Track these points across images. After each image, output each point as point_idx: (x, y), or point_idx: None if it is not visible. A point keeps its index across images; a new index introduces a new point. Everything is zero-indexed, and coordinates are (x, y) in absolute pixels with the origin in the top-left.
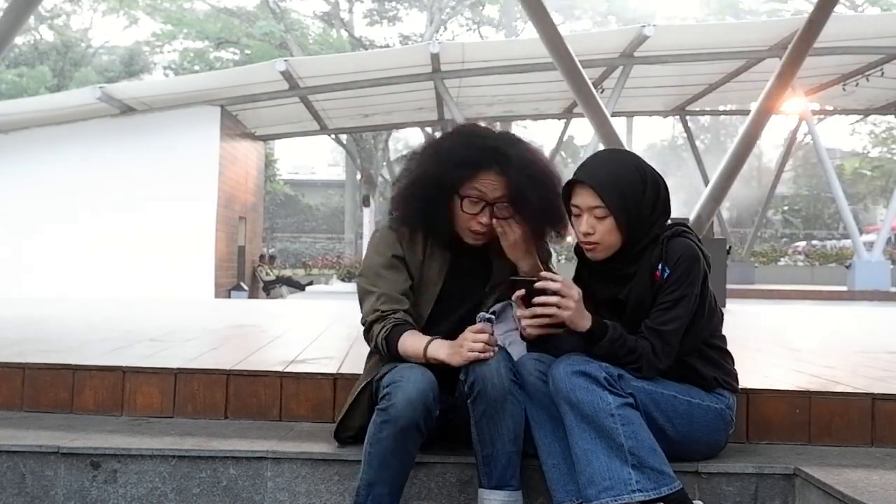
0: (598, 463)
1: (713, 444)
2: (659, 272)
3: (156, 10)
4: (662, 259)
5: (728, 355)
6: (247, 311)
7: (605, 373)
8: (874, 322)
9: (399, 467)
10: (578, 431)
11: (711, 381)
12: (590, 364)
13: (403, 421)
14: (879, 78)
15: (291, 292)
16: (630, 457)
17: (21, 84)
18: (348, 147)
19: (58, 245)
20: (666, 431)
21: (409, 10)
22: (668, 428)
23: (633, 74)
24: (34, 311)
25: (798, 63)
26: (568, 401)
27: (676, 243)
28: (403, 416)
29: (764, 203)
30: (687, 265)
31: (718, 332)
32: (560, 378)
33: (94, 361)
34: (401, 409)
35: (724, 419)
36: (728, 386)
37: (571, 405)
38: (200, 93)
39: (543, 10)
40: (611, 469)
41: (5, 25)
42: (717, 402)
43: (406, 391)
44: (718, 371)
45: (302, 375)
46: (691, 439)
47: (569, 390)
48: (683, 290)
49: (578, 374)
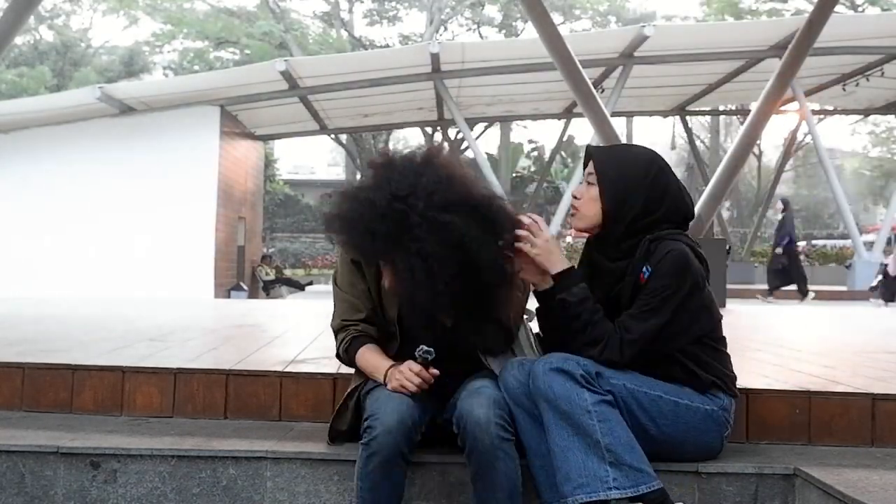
0: (575, 459)
1: (704, 446)
2: (644, 274)
3: (156, 10)
4: (647, 261)
5: (725, 357)
6: (247, 311)
7: (583, 370)
8: (874, 322)
9: (390, 494)
10: (555, 429)
11: (704, 383)
12: (567, 361)
13: (386, 451)
14: (879, 78)
15: (291, 292)
16: (607, 454)
17: (21, 84)
18: (348, 147)
19: (58, 245)
20: (649, 431)
21: (409, 10)
22: (650, 427)
23: (633, 74)
24: (34, 311)
25: (798, 63)
26: (545, 398)
27: (663, 246)
28: (385, 447)
29: (764, 203)
30: (670, 275)
31: (716, 334)
32: (538, 375)
33: (93, 361)
34: (382, 441)
35: (716, 421)
36: (723, 387)
37: (549, 402)
38: (200, 93)
39: (543, 10)
40: (587, 466)
41: (5, 25)
42: (709, 404)
43: (385, 423)
44: (712, 372)
45: (302, 375)
46: (678, 440)
47: (546, 387)
48: (662, 299)
49: (556, 371)
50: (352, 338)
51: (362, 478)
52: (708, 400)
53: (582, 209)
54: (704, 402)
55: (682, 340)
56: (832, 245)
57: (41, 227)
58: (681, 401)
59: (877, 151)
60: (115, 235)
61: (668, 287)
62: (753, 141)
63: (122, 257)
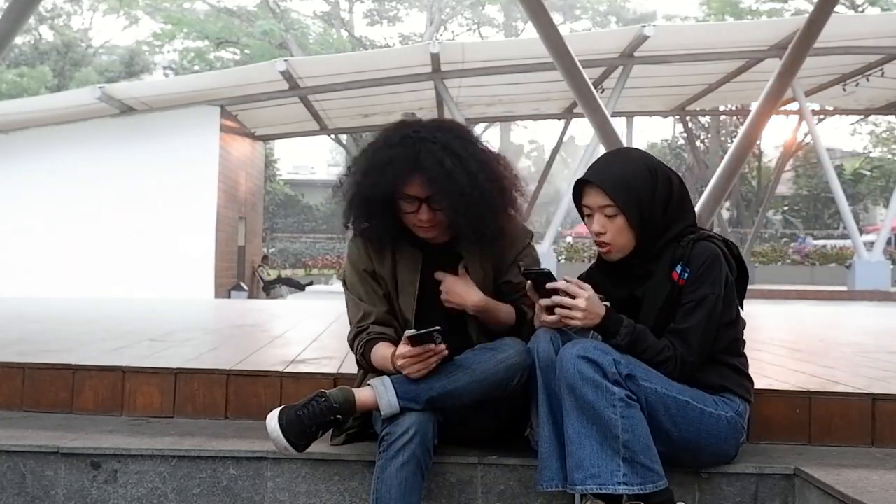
0: (590, 449)
1: (721, 454)
2: (677, 273)
3: (156, 10)
4: (684, 260)
5: (745, 361)
6: (247, 311)
7: (615, 368)
8: (874, 322)
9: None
10: (576, 415)
11: (727, 388)
12: (598, 351)
13: (405, 456)
14: (879, 78)
15: (291, 292)
16: (623, 450)
17: (21, 84)
18: (348, 147)
19: (58, 245)
20: (671, 435)
21: (409, 10)
22: (673, 432)
23: (633, 74)
24: (34, 311)
25: (798, 63)
26: (571, 384)
27: (700, 247)
28: (405, 452)
29: (764, 203)
30: (707, 265)
31: (741, 341)
32: (567, 360)
33: (94, 361)
34: (401, 446)
35: (735, 428)
36: (742, 394)
37: (573, 389)
38: (200, 93)
39: (543, 10)
40: (601, 458)
41: (5, 25)
42: (729, 411)
43: (406, 429)
44: (736, 377)
45: (302, 375)
46: (698, 446)
47: (574, 374)
48: (705, 290)
49: (586, 360)
50: (366, 342)
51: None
52: (727, 406)
53: (614, 244)
54: (726, 409)
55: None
56: (832, 245)
57: (41, 227)
58: (706, 408)
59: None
60: (116, 235)
61: (707, 279)
62: (753, 141)
63: (123, 257)
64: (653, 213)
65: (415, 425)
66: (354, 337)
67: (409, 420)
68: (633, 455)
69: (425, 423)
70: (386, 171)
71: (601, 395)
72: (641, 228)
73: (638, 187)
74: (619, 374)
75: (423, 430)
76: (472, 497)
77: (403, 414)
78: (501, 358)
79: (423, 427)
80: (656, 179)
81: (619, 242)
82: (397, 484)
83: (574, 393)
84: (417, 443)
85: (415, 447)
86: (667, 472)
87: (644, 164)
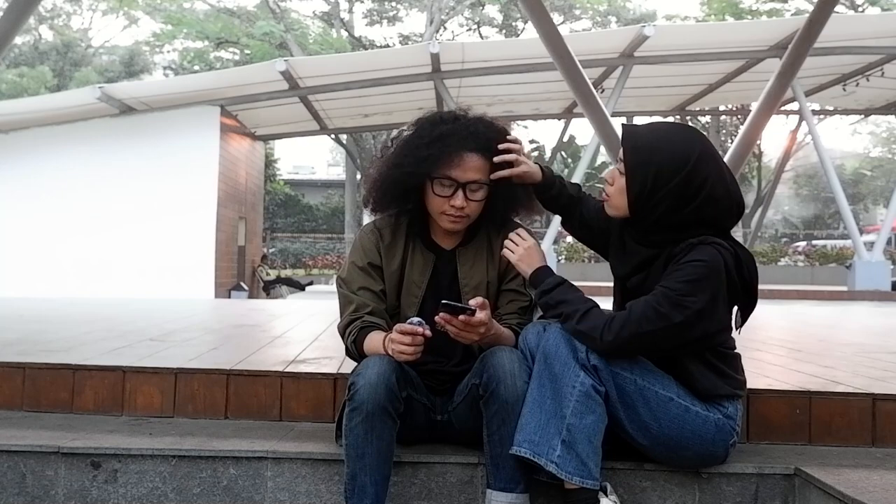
0: (539, 417)
1: (707, 455)
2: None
3: (156, 10)
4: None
5: (736, 360)
6: (247, 311)
7: (587, 356)
8: (874, 322)
9: (375, 455)
10: (538, 382)
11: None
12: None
13: (369, 406)
14: (879, 78)
15: (291, 292)
16: (566, 432)
17: (21, 84)
18: (348, 147)
19: (57, 245)
20: (650, 429)
21: (409, 10)
22: (652, 426)
23: (633, 74)
24: (34, 311)
25: (798, 63)
26: (545, 352)
27: (698, 251)
28: (369, 402)
29: (764, 203)
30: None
31: (729, 343)
32: (552, 333)
33: (94, 361)
34: (364, 395)
35: (723, 431)
36: (732, 396)
37: (546, 357)
38: (200, 93)
39: (543, 10)
40: (545, 430)
41: (5, 25)
42: (717, 412)
43: (367, 377)
44: (723, 381)
45: (302, 375)
46: (681, 444)
47: (552, 345)
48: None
49: (567, 340)
50: (359, 329)
51: (347, 435)
52: (717, 409)
53: (612, 199)
54: (714, 411)
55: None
56: (832, 245)
57: (41, 227)
58: (692, 407)
59: (877, 152)
60: (115, 235)
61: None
62: (753, 141)
63: (123, 257)
64: (656, 197)
65: (373, 376)
66: (348, 324)
67: (370, 368)
68: (572, 441)
69: (387, 372)
70: (434, 147)
71: (567, 372)
72: (636, 202)
73: (657, 163)
74: (589, 364)
75: (382, 381)
76: (472, 497)
77: (367, 365)
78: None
79: (382, 377)
80: (680, 172)
81: (614, 200)
82: (360, 434)
83: (546, 360)
84: (369, 393)
85: (366, 397)
86: (666, 472)
87: (684, 152)
